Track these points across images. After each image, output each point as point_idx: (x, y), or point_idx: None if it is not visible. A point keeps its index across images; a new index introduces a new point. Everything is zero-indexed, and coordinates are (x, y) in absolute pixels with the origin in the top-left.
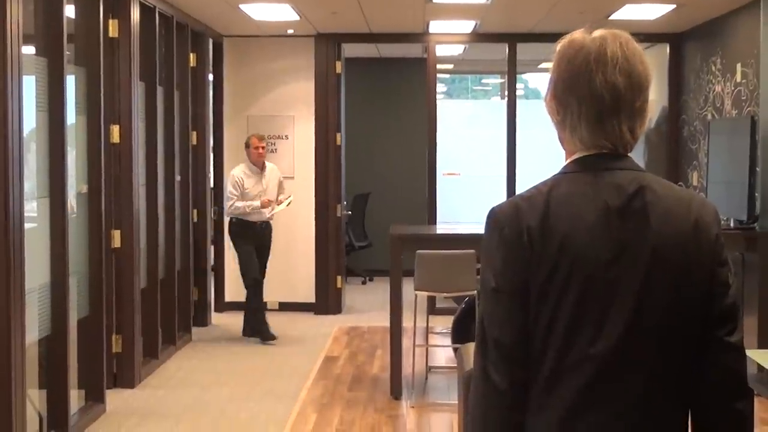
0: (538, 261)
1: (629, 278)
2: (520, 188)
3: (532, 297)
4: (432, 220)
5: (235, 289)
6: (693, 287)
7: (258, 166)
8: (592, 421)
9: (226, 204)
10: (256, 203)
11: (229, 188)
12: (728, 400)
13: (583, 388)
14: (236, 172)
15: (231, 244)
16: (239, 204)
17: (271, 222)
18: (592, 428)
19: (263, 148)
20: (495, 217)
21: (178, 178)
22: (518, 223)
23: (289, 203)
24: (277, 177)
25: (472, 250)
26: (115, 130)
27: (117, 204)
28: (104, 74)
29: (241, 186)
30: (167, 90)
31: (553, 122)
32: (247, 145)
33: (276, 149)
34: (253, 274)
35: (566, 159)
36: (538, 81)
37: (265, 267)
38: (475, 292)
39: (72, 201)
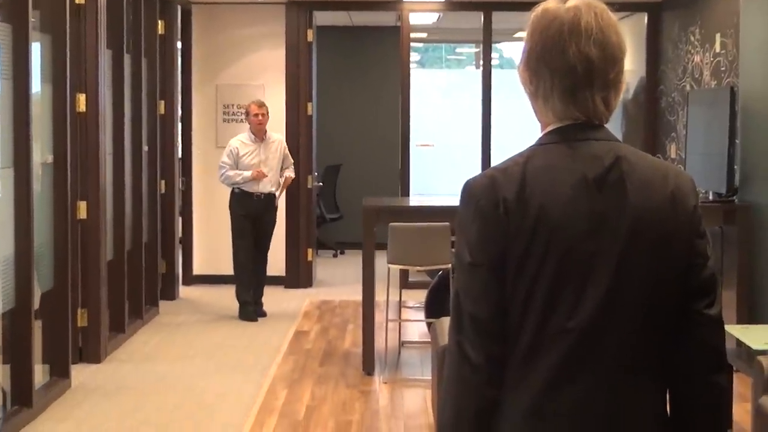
0: (515, 233)
1: (607, 251)
2: (495, 159)
3: (508, 270)
4: (405, 192)
5: (204, 261)
6: (671, 259)
7: (258, 135)
8: (569, 396)
9: (219, 173)
10: (247, 173)
11: (223, 157)
12: (706, 373)
13: (561, 362)
14: (233, 141)
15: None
16: (230, 173)
17: (275, 194)
18: (570, 403)
19: (263, 115)
20: (470, 189)
21: (145, 148)
22: (494, 195)
23: (288, 182)
24: (281, 149)
25: (447, 223)
26: (81, 98)
27: (83, 175)
28: (70, 42)
29: (235, 155)
30: (135, 58)
31: (526, 92)
32: (247, 113)
33: (245, 119)
34: (241, 252)
35: (542, 130)
36: (513, 50)
37: (265, 244)
38: (450, 265)
39: (37, 171)
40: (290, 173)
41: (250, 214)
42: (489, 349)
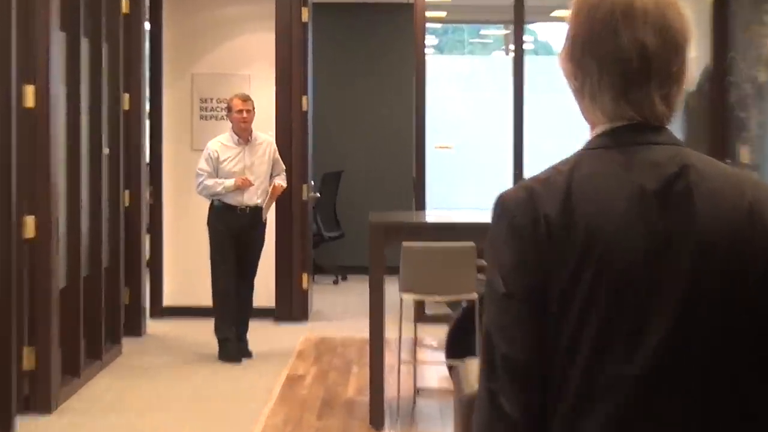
0: (559, 258)
1: (671, 279)
2: (530, 165)
3: (550, 303)
4: (420, 204)
5: (176, 289)
6: (749, 288)
7: (242, 136)
8: None
9: (196, 182)
10: (229, 182)
11: (200, 162)
12: None
13: (617, 415)
14: (211, 143)
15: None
16: (208, 182)
17: (261, 206)
18: None
19: (248, 111)
20: (504, 203)
21: (106, 151)
22: (533, 211)
23: (278, 191)
24: (270, 152)
25: (471, 243)
26: (29, 91)
27: (30, 183)
28: (16, 23)
29: (215, 160)
30: (94, 42)
31: (570, 88)
32: (229, 109)
33: (226, 117)
34: (222, 278)
35: (590, 132)
36: (550, 32)
37: (251, 268)
38: (476, 295)
39: None
40: (281, 181)
41: (233, 231)
42: (528, 400)
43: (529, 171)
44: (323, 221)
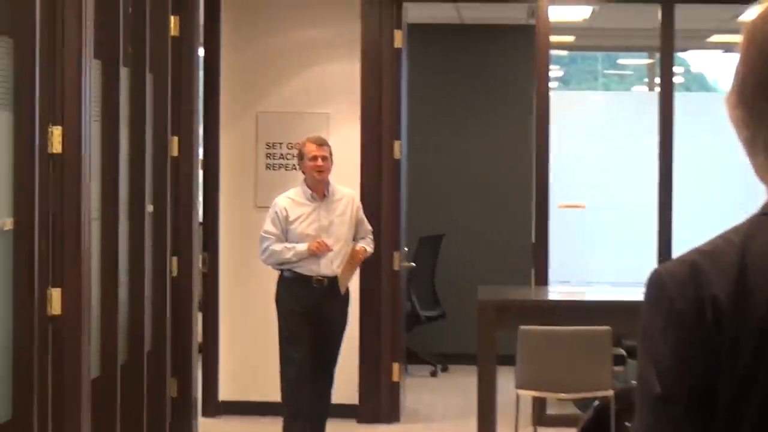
0: (731, 352)
1: None
2: (680, 229)
3: (718, 410)
4: (542, 278)
5: (235, 381)
6: None
7: (317, 189)
8: None
9: (260, 248)
10: (302, 247)
11: (265, 224)
12: None
13: None
14: (279, 199)
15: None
16: (276, 247)
17: (340, 279)
18: None
19: (324, 159)
20: (661, 283)
21: (149, 208)
22: (698, 293)
23: (360, 257)
24: (352, 210)
25: (607, 327)
26: (56, 133)
27: (57, 248)
28: (40, 49)
29: (283, 220)
30: (136, 72)
31: (739, 139)
32: (301, 157)
33: (298, 165)
34: (293, 367)
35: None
36: (706, 62)
37: (329, 355)
38: (611, 392)
39: None
40: (366, 245)
41: (306, 308)
42: None
43: (680, 236)
44: (419, 298)
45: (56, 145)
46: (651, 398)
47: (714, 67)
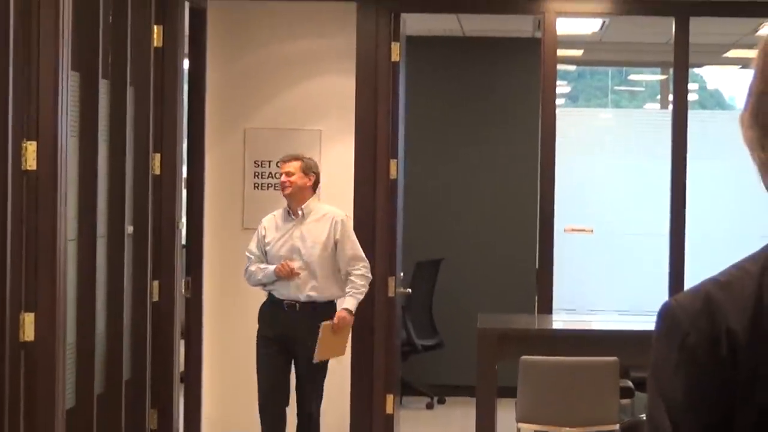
0: (749, 389)
1: None
2: (694, 255)
3: None
4: (545, 306)
5: (220, 412)
6: None
7: (291, 207)
8: None
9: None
10: (271, 269)
11: (250, 243)
12: None
13: None
14: (266, 217)
15: None
16: (252, 267)
17: (316, 301)
18: None
19: (289, 174)
20: (673, 316)
21: (129, 229)
22: (712, 327)
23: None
24: (333, 230)
25: (614, 358)
26: (30, 149)
27: (31, 270)
28: (14, 61)
29: (261, 240)
30: (116, 86)
31: (754, 161)
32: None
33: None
34: (267, 401)
35: None
36: (722, 79)
37: (309, 391)
38: (617, 427)
39: None
40: (359, 283)
41: (277, 334)
42: None
43: (693, 264)
44: (415, 326)
45: (30, 162)
46: None
47: (730, 83)
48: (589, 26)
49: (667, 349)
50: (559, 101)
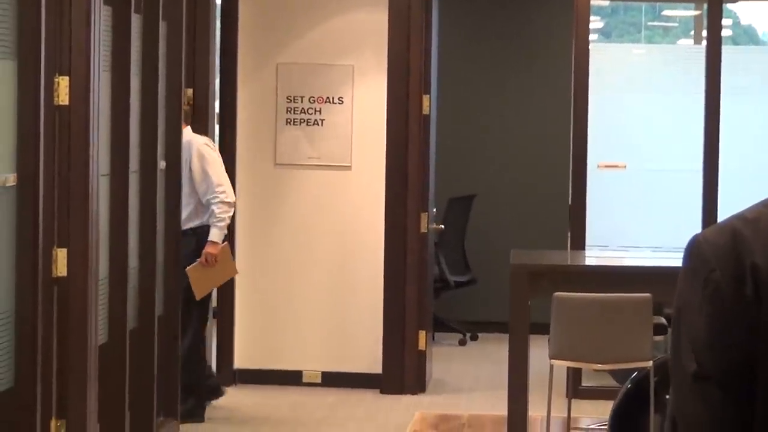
0: None
1: None
2: (726, 191)
3: (759, 389)
4: (579, 242)
5: (251, 347)
6: None
7: None
8: None
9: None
10: None
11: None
12: None
13: None
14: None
15: None
16: None
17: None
18: None
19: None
20: (699, 252)
21: (162, 164)
22: (737, 263)
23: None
24: (184, 154)
25: (647, 294)
26: (63, 84)
27: (63, 205)
28: None
29: None
30: (148, 20)
31: None
32: None
33: (322, 120)
34: None
35: None
36: (756, 14)
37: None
38: (650, 363)
39: None
40: (217, 211)
41: None
42: None
43: (726, 200)
44: (448, 262)
45: (63, 97)
46: (686, 375)
47: (765, 19)
48: None
49: (692, 286)
50: (592, 37)
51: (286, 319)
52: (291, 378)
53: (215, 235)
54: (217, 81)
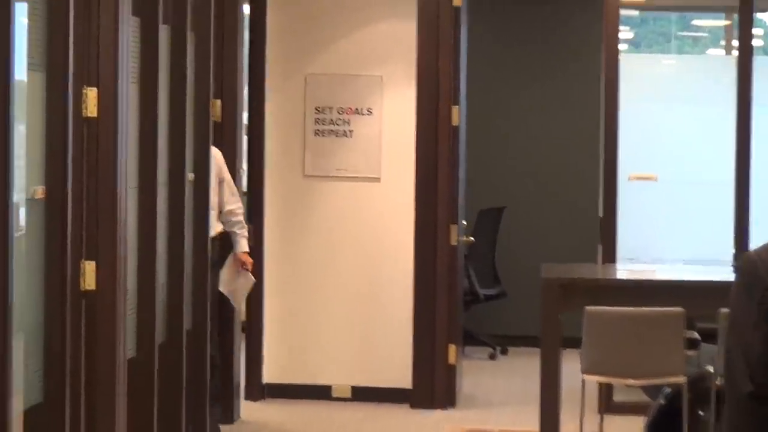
0: None
1: None
2: (760, 204)
3: None
4: (610, 255)
5: (281, 361)
6: None
7: None
8: None
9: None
10: None
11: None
12: None
13: None
14: None
15: None
16: None
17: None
18: None
19: None
20: (752, 269)
21: (190, 176)
22: None
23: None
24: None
25: (680, 309)
26: (91, 96)
27: (91, 218)
28: (74, 4)
29: None
30: (176, 31)
31: None
32: None
33: (351, 131)
34: None
35: None
36: None
37: None
38: (684, 378)
39: (19, 211)
40: (243, 222)
41: None
42: None
43: (759, 212)
44: (478, 275)
45: (91, 108)
46: (741, 396)
47: None
48: None
49: (747, 302)
50: (621, 47)
51: (316, 333)
52: (320, 393)
53: (245, 245)
54: (246, 92)
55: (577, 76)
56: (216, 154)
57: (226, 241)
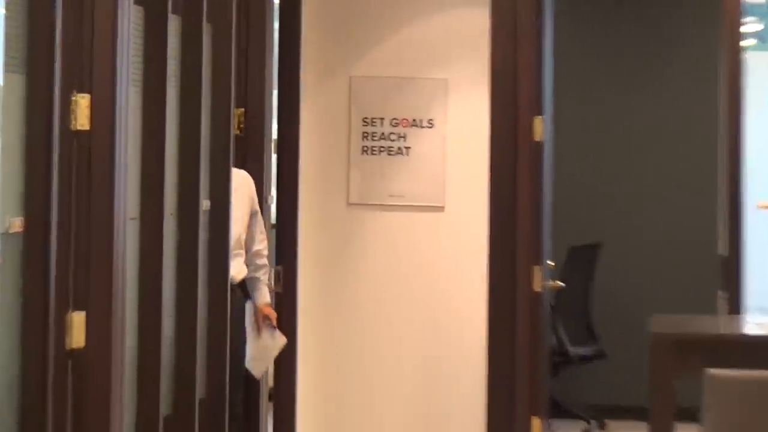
0: None
1: None
2: None
3: None
4: (736, 304)
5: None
6: None
7: None
8: None
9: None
10: None
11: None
12: None
13: None
14: None
15: None
16: None
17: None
18: None
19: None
20: None
21: (205, 205)
22: None
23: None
24: (247, 196)
25: None
26: (83, 104)
27: (81, 258)
28: None
29: None
30: (189, 23)
31: None
32: None
33: (407, 148)
34: None
35: None
36: None
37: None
38: None
39: None
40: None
41: None
42: None
43: None
44: (568, 330)
45: (82, 120)
46: None
47: None
48: None
49: None
50: (746, 43)
51: (362, 404)
52: None
53: (267, 294)
54: (275, 99)
55: (688, 79)
56: (245, 180)
57: None
